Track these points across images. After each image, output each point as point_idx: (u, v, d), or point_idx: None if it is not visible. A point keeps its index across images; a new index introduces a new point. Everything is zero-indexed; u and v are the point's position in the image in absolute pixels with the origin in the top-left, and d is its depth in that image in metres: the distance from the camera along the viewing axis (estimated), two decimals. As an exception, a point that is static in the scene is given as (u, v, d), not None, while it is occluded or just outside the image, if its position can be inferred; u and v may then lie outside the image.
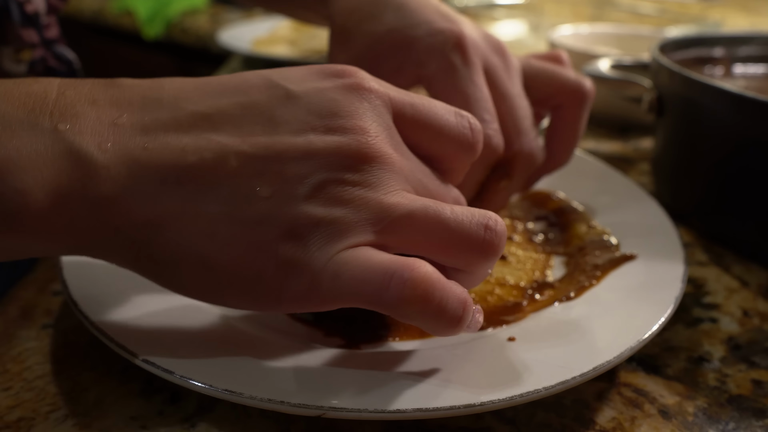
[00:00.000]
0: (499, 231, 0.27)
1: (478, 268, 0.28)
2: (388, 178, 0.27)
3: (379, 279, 0.25)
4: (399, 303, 0.25)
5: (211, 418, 0.31)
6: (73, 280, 0.34)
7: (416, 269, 0.25)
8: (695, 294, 0.43)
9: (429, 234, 0.26)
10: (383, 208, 0.26)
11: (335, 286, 0.25)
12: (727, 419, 0.32)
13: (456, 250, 0.27)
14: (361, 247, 0.26)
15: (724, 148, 0.47)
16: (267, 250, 0.25)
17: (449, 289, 0.26)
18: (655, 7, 1.41)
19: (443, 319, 0.26)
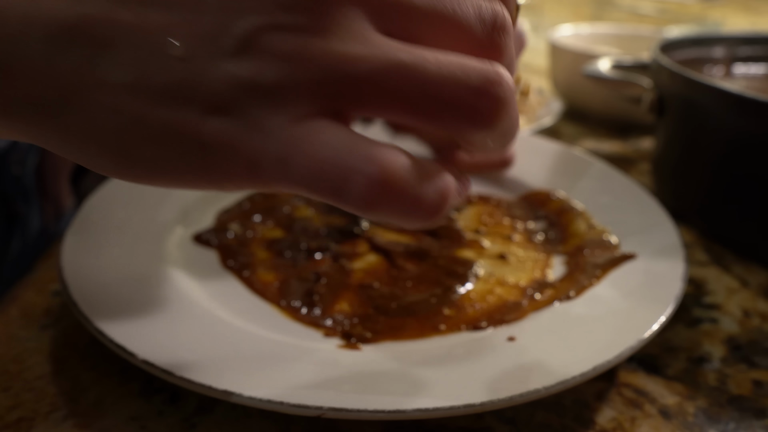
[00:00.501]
0: (500, 95, 0.20)
1: (472, 140, 0.22)
2: (350, 17, 0.20)
3: (339, 173, 0.19)
4: (363, 204, 0.20)
5: (210, 418, 0.31)
6: (73, 280, 0.34)
7: (384, 164, 0.19)
8: (695, 294, 0.43)
9: (402, 98, 0.20)
10: (338, 64, 0.20)
11: (282, 173, 0.20)
12: (727, 419, 0.32)
13: (440, 119, 0.21)
14: (312, 120, 0.20)
15: (724, 148, 0.47)
16: (187, 129, 0.20)
17: (428, 182, 0.20)
18: (655, 7, 1.41)
19: (417, 214, 0.21)
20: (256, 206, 0.49)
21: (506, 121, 0.21)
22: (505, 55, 0.22)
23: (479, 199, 0.52)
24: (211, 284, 0.39)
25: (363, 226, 0.46)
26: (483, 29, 0.22)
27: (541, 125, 0.65)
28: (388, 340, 0.34)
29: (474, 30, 0.21)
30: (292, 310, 0.37)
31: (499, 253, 0.44)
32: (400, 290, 0.39)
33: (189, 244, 0.43)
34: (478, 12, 0.22)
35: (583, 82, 0.65)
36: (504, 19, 0.22)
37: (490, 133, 0.21)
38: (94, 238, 0.39)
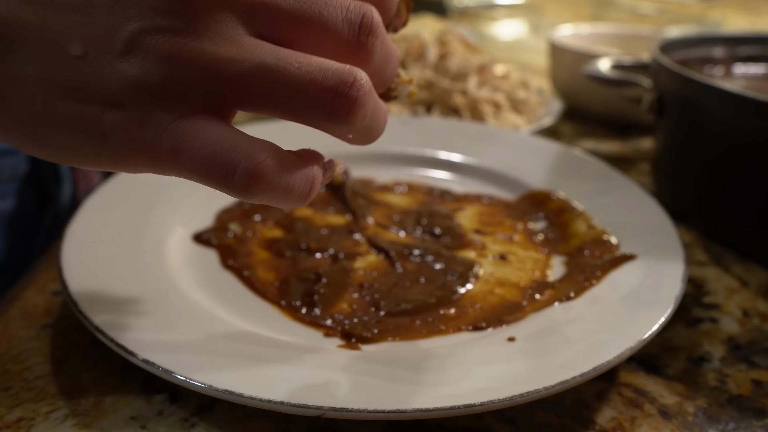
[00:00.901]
0: (352, 95, 0.23)
1: (333, 133, 0.25)
2: (221, 21, 0.22)
3: (224, 167, 0.23)
4: (244, 192, 0.23)
5: (210, 418, 0.31)
6: (73, 280, 0.34)
7: (262, 160, 0.23)
8: (695, 294, 0.43)
9: (269, 96, 0.23)
10: (213, 66, 0.22)
11: (176, 162, 0.23)
12: (727, 419, 0.32)
13: (302, 115, 0.24)
14: (197, 116, 0.23)
15: (724, 147, 0.47)
16: (90, 120, 0.23)
17: (296, 173, 0.24)
18: (655, 7, 1.41)
19: (290, 200, 0.24)
20: (256, 206, 0.49)
21: (361, 119, 0.24)
22: (373, 56, 0.25)
23: (479, 199, 0.52)
24: (211, 284, 0.39)
25: (363, 226, 0.46)
26: (350, 31, 0.24)
27: (541, 125, 0.65)
28: (388, 340, 0.35)
29: (341, 32, 0.24)
30: (292, 310, 0.37)
31: (500, 253, 0.44)
32: (400, 290, 0.39)
33: (189, 244, 0.43)
34: (345, 14, 0.24)
35: (583, 82, 0.65)
36: (371, 21, 0.24)
37: (349, 129, 0.24)
38: (94, 238, 0.39)
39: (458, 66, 0.69)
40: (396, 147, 0.58)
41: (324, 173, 0.26)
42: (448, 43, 0.78)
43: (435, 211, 0.49)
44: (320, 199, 0.51)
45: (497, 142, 0.58)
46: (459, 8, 1.36)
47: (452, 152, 0.57)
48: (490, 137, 0.59)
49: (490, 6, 1.46)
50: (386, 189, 0.53)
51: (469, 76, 0.68)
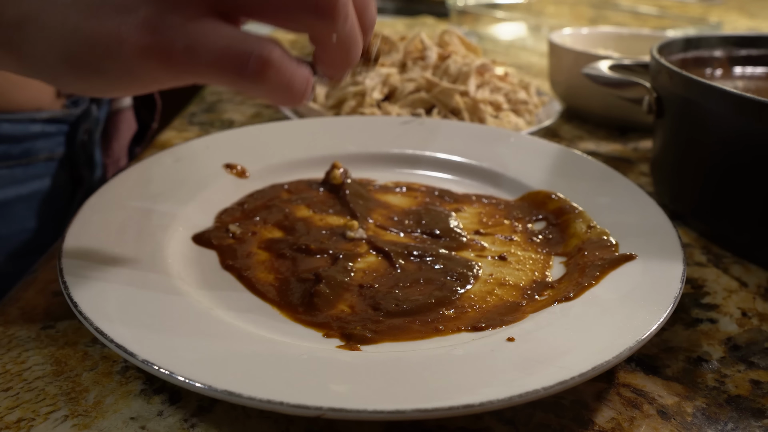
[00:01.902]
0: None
1: (319, 34, 0.28)
2: None
3: (238, 57, 0.26)
4: (256, 78, 0.27)
5: (210, 418, 0.31)
6: (73, 280, 0.34)
7: (272, 50, 0.26)
8: (694, 294, 0.43)
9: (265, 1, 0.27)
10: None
11: (192, 59, 0.26)
12: (725, 419, 0.32)
13: (291, 16, 0.28)
14: (206, 18, 0.26)
15: (723, 148, 0.47)
16: (110, 33, 0.26)
17: (296, 68, 0.28)
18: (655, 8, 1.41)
19: (289, 93, 0.28)
20: (256, 206, 0.49)
21: (344, 18, 0.28)
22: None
23: (479, 199, 0.52)
24: (211, 284, 0.39)
25: (363, 226, 0.46)
26: None
27: (541, 126, 0.65)
28: (388, 340, 0.35)
29: None
30: (292, 311, 0.37)
31: (499, 254, 0.44)
32: (400, 290, 0.39)
33: (189, 245, 0.43)
34: None
35: (582, 83, 0.65)
36: None
37: (334, 26, 0.28)
38: (94, 238, 0.39)
39: (458, 67, 0.69)
40: (396, 147, 0.58)
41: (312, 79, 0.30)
42: (448, 43, 0.78)
43: (435, 212, 0.49)
44: (320, 200, 0.51)
45: (497, 142, 0.58)
46: (459, 9, 1.36)
47: (452, 152, 0.57)
48: (490, 137, 0.59)
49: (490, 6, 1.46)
50: (386, 190, 0.53)
51: (469, 76, 0.68)
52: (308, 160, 0.55)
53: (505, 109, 0.68)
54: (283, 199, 0.50)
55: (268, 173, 0.53)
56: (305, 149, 0.56)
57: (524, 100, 0.70)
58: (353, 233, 0.45)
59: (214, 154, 0.53)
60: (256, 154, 0.54)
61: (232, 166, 0.52)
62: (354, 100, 0.67)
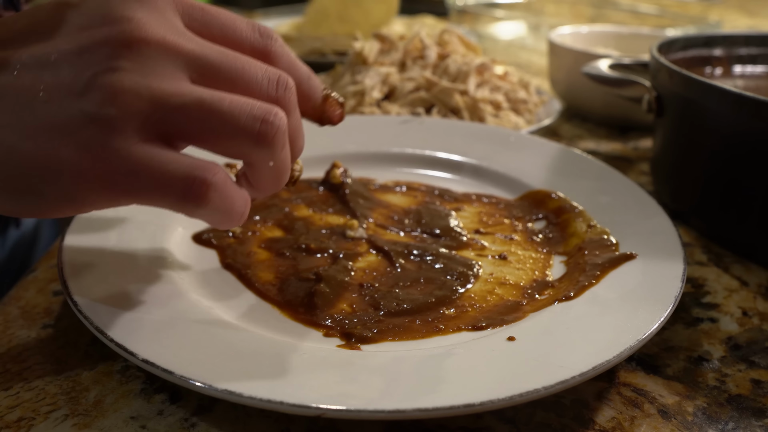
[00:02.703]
0: (276, 123, 0.28)
1: (256, 160, 0.29)
2: (164, 63, 0.27)
3: (182, 182, 0.26)
4: (198, 204, 0.27)
5: (210, 418, 0.31)
6: (73, 280, 0.34)
7: (215, 175, 0.27)
8: (695, 294, 0.43)
9: (205, 127, 0.27)
10: (156, 99, 0.26)
11: (134, 184, 0.26)
12: (726, 419, 0.32)
13: (232, 143, 0.28)
14: (149, 144, 0.26)
15: (723, 147, 0.47)
16: (49, 157, 0.26)
17: (237, 192, 0.28)
18: (654, 7, 1.41)
19: (230, 217, 0.28)
20: (256, 206, 0.49)
21: (281, 146, 0.28)
22: (289, 106, 0.30)
23: (479, 199, 0.52)
24: (211, 284, 0.39)
25: (363, 226, 0.46)
26: (269, 85, 0.29)
27: (541, 125, 0.65)
28: (389, 339, 0.35)
29: (261, 85, 0.29)
30: (292, 310, 0.37)
31: (499, 253, 0.44)
32: (400, 289, 0.39)
33: (189, 244, 0.43)
34: (265, 72, 0.29)
35: (582, 82, 0.65)
36: (286, 82, 0.30)
37: (272, 154, 0.28)
38: (94, 238, 0.39)
39: (458, 66, 0.69)
40: (396, 147, 0.58)
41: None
42: (447, 43, 0.78)
43: (435, 211, 0.49)
44: (320, 199, 0.51)
45: (497, 142, 0.58)
46: (459, 8, 1.36)
47: (452, 151, 0.57)
48: (490, 137, 0.59)
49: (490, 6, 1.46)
50: (386, 189, 0.53)
51: (468, 76, 0.68)
52: (308, 159, 0.55)
53: (504, 109, 0.68)
54: (283, 198, 0.50)
55: (268, 172, 0.53)
56: (305, 149, 0.56)
57: (524, 99, 0.70)
58: (353, 232, 0.45)
59: (214, 154, 0.53)
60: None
61: (231, 165, 0.52)
62: (354, 100, 0.67)
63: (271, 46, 0.31)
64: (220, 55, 0.28)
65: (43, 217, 0.29)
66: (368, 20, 1.03)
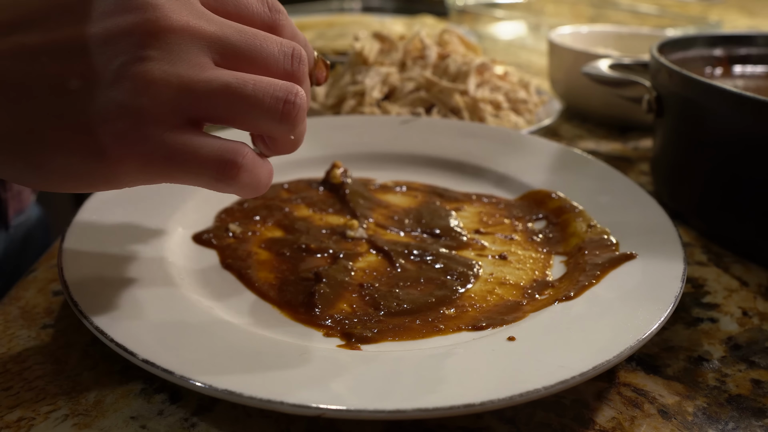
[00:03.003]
0: (298, 103, 0.29)
1: (279, 134, 0.31)
2: (189, 49, 0.28)
3: (214, 165, 0.28)
4: (231, 181, 0.29)
5: (210, 417, 0.31)
6: (73, 280, 0.34)
7: (245, 155, 0.29)
8: (695, 294, 0.43)
9: (231, 109, 0.29)
10: (185, 87, 0.27)
11: (171, 167, 0.28)
12: (726, 419, 0.32)
13: (257, 122, 0.30)
14: (182, 129, 0.28)
15: (723, 147, 0.47)
16: (87, 143, 0.27)
17: (262, 167, 0.30)
18: (654, 7, 1.41)
19: (257, 190, 0.30)
20: (256, 206, 0.49)
21: (302, 120, 0.30)
22: (303, 77, 0.32)
23: (479, 199, 0.52)
24: (211, 284, 0.39)
25: (363, 226, 0.46)
26: (284, 60, 0.31)
27: (541, 125, 0.65)
28: (389, 339, 0.35)
29: (278, 60, 0.31)
30: (292, 310, 0.37)
31: (499, 253, 0.44)
32: (400, 289, 0.39)
33: (189, 244, 0.43)
34: (280, 47, 0.31)
35: (582, 82, 0.65)
36: (300, 53, 0.31)
37: (293, 129, 0.30)
38: (94, 238, 0.39)
39: (458, 66, 0.69)
40: (396, 147, 0.58)
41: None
42: (447, 43, 0.78)
43: (435, 211, 0.49)
44: (320, 199, 0.51)
45: (497, 142, 0.58)
46: (459, 8, 1.36)
47: (452, 151, 0.57)
48: (490, 137, 0.59)
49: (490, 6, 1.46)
50: (386, 189, 0.53)
51: (469, 76, 0.68)
52: (308, 159, 0.55)
53: (504, 108, 0.68)
54: (283, 198, 0.50)
55: (268, 172, 0.53)
56: (305, 149, 0.56)
57: (524, 99, 0.70)
58: (353, 232, 0.45)
59: None
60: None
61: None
62: (354, 100, 0.67)
63: (279, 20, 0.33)
64: (239, 34, 0.30)
65: (84, 191, 0.30)
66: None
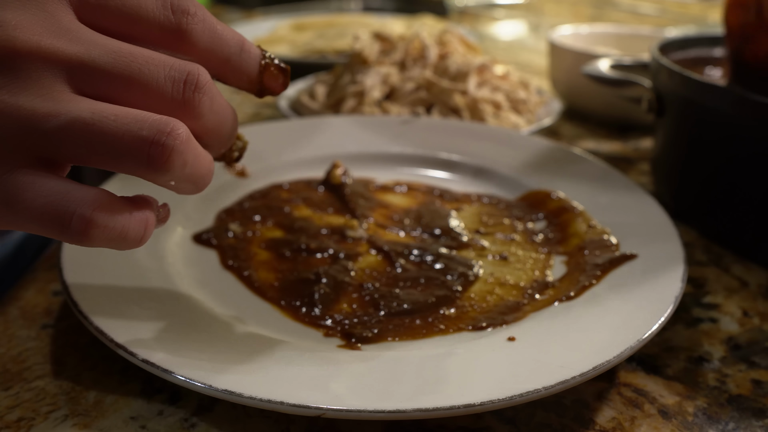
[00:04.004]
0: (169, 144, 0.24)
1: (156, 181, 0.25)
2: (40, 76, 0.23)
3: (59, 216, 0.23)
4: (82, 239, 0.24)
5: (210, 418, 0.31)
6: (73, 280, 0.34)
7: (96, 207, 0.23)
8: (695, 294, 0.43)
9: (88, 148, 0.24)
10: (29, 121, 0.23)
11: (10, 215, 0.24)
12: (726, 419, 0.32)
13: (122, 166, 0.24)
14: (26, 170, 0.23)
15: (723, 147, 0.47)
16: None
17: (129, 217, 0.24)
18: (655, 7, 1.41)
19: (126, 242, 0.25)
20: (256, 206, 0.49)
21: (181, 167, 0.24)
22: (202, 111, 0.26)
23: (479, 199, 0.52)
24: (211, 284, 0.39)
25: (363, 226, 0.46)
26: (174, 88, 0.25)
27: (541, 125, 0.65)
28: (388, 340, 0.35)
29: (164, 89, 0.25)
30: (292, 310, 0.37)
31: (499, 253, 0.44)
32: (400, 289, 0.39)
33: (189, 244, 0.43)
34: (168, 72, 0.25)
35: (582, 82, 0.65)
36: (197, 78, 0.25)
37: (169, 176, 0.25)
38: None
39: (458, 66, 0.69)
40: (396, 147, 0.58)
41: (158, 216, 0.27)
42: (448, 43, 0.78)
43: (435, 211, 0.49)
44: (320, 199, 0.51)
45: (497, 142, 0.58)
46: (459, 8, 1.36)
47: (452, 152, 0.57)
48: (490, 137, 0.59)
49: (490, 6, 1.46)
50: (386, 189, 0.53)
51: (469, 76, 0.68)
52: (308, 159, 0.55)
53: (504, 109, 0.68)
54: (283, 198, 0.50)
55: (268, 173, 0.53)
56: (305, 149, 0.56)
57: (524, 99, 0.70)
58: (353, 232, 0.45)
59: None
60: (256, 153, 0.54)
61: (232, 165, 0.52)
62: (354, 100, 0.67)
63: (187, 24, 0.26)
64: (110, 55, 0.24)
65: None
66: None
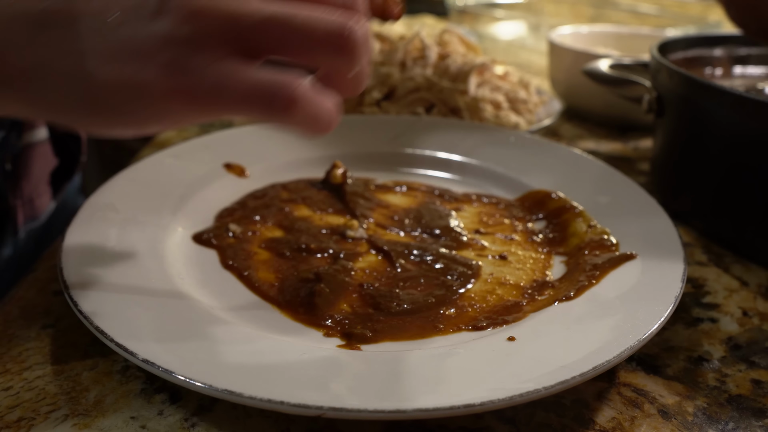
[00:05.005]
0: (356, 32, 0.27)
1: (341, 69, 0.28)
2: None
3: (266, 93, 0.26)
4: (284, 114, 0.26)
5: (210, 418, 0.31)
6: (73, 280, 0.34)
7: (298, 86, 0.26)
8: (695, 294, 0.43)
9: (284, 39, 0.27)
10: (230, 16, 0.26)
11: (219, 98, 0.27)
12: (726, 419, 0.32)
13: (312, 53, 0.28)
14: (229, 59, 0.26)
15: (723, 147, 0.47)
16: (131, 77, 0.26)
17: (323, 101, 0.27)
18: (655, 7, 1.41)
19: (317, 126, 0.28)
20: (256, 206, 0.49)
21: (365, 53, 0.28)
22: (361, 11, 0.30)
23: (479, 199, 0.52)
24: (211, 284, 0.39)
25: (363, 226, 0.46)
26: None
27: (541, 125, 0.65)
28: (388, 340, 0.35)
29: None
30: (292, 310, 0.37)
31: (499, 253, 0.44)
32: (400, 289, 0.39)
33: (189, 244, 0.43)
34: None
35: (582, 82, 0.65)
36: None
37: (356, 63, 0.28)
38: (94, 238, 0.39)
39: (458, 66, 0.69)
40: (396, 146, 0.58)
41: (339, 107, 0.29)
42: (448, 43, 0.78)
43: (435, 211, 0.49)
44: (320, 199, 0.51)
45: (497, 142, 0.58)
46: (459, 8, 1.36)
47: (452, 152, 0.57)
48: (490, 137, 0.59)
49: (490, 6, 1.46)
50: (386, 189, 0.53)
51: (469, 76, 0.68)
52: (308, 159, 0.55)
53: (504, 109, 0.68)
54: (283, 198, 0.50)
55: (268, 173, 0.53)
56: (305, 149, 0.56)
57: (524, 99, 0.70)
58: (353, 232, 0.45)
59: (213, 154, 0.53)
60: (256, 153, 0.54)
61: (231, 165, 0.52)
62: (354, 100, 0.67)
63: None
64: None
65: (132, 134, 0.29)
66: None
